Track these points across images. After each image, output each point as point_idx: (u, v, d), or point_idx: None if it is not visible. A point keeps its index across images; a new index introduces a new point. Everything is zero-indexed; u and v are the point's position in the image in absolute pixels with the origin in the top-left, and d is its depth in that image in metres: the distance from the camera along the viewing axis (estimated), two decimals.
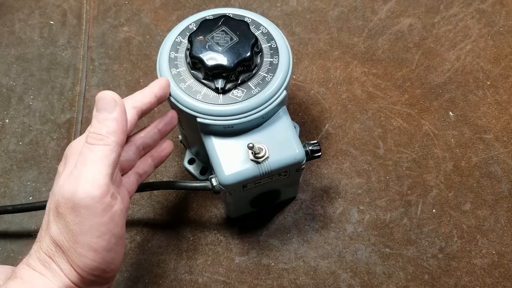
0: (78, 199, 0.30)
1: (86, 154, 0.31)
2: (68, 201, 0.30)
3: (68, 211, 0.30)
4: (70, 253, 0.30)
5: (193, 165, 0.53)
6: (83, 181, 0.30)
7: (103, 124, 0.32)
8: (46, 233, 0.32)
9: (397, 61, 0.60)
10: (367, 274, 0.49)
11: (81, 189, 0.30)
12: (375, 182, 0.53)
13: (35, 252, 0.32)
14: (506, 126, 0.55)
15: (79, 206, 0.30)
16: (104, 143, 0.31)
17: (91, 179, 0.30)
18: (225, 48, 0.39)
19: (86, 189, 0.30)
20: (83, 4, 0.65)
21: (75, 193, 0.30)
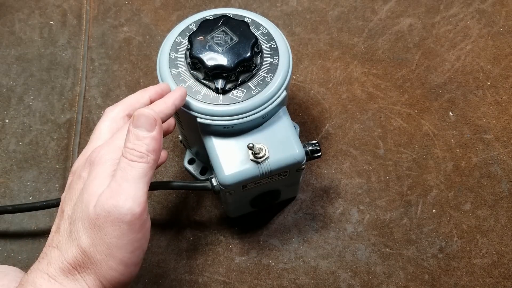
0: (121, 214, 0.30)
1: (127, 170, 0.31)
2: (109, 214, 0.30)
3: (108, 224, 0.30)
4: (101, 265, 0.30)
5: (193, 165, 0.53)
6: (125, 196, 0.30)
7: (142, 142, 0.32)
8: (71, 242, 0.31)
9: (397, 61, 0.60)
10: (367, 274, 0.49)
11: (123, 204, 0.30)
12: (375, 182, 0.53)
13: (56, 261, 0.31)
14: (506, 126, 0.55)
15: (121, 221, 0.30)
16: (144, 161, 0.32)
17: (133, 195, 0.31)
18: (225, 48, 0.39)
19: (129, 205, 0.30)
20: (83, 4, 0.65)
21: (118, 207, 0.30)
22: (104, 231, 0.30)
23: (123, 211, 0.30)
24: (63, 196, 0.34)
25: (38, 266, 0.31)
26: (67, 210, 0.32)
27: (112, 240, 0.30)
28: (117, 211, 0.30)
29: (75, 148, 0.56)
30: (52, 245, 0.32)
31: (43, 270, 0.30)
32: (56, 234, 0.32)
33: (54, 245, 0.32)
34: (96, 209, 0.30)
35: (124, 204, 0.30)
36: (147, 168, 0.32)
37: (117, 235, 0.30)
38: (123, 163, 0.31)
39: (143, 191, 0.31)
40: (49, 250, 0.32)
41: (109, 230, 0.30)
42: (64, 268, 0.30)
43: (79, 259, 0.30)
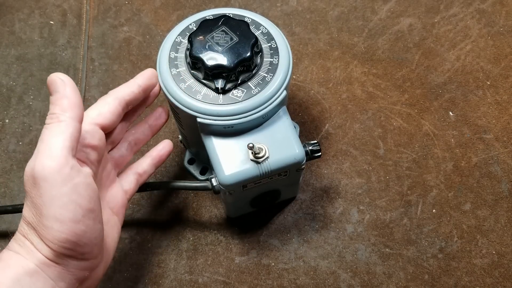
0: (36, 172, 0.31)
1: (43, 133, 0.33)
2: (29, 177, 0.32)
3: (30, 186, 0.32)
4: (39, 227, 0.32)
5: (193, 165, 0.53)
6: (39, 156, 0.32)
7: (55, 104, 0.33)
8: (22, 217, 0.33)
9: (397, 61, 0.60)
10: (367, 274, 0.49)
11: (38, 163, 0.31)
12: (375, 182, 0.53)
13: (14, 236, 0.33)
14: (506, 126, 0.55)
15: (38, 178, 0.31)
16: (57, 120, 0.33)
17: (47, 152, 0.32)
18: (225, 48, 0.39)
19: (43, 162, 0.31)
20: (83, 4, 0.65)
21: (34, 167, 0.31)
22: (30, 194, 0.32)
23: (38, 169, 0.31)
24: None
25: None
26: None
27: (37, 200, 0.31)
28: (34, 171, 0.31)
29: None
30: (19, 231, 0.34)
31: (14, 237, 0.33)
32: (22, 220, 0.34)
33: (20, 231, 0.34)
34: (24, 178, 0.32)
35: (39, 162, 0.31)
36: (63, 126, 0.32)
37: (39, 194, 0.31)
38: (42, 130, 0.33)
39: (59, 146, 0.32)
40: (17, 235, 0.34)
41: (34, 192, 0.31)
42: (17, 238, 0.33)
43: (24, 227, 0.32)
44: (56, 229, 0.31)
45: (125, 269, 0.49)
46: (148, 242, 0.50)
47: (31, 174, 0.31)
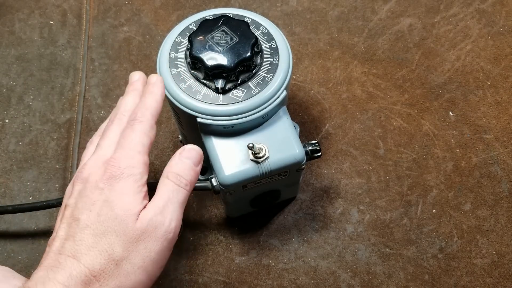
0: (167, 232, 0.33)
1: (175, 194, 0.34)
2: (155, 229, 0.33)
3: (151, 239, 0.32)
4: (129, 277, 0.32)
5: None
6: (171, 216, 0.34)
7: (189, 172, 0.35)
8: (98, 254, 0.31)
9: (397, 61, 0.60)
10: (367, 274, 0.49)
11: (169, 223, 0.33)
12: (375, 182, 0.53)
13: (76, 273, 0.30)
14: (506, 126, 0.55)
15: (165, 238, 0.33)
16: (188, 189, 0.35)
17: (177, 217, 0.34)
18: (225, 48, 0.39)
19: (174, 224, 0.34)
20: (83, 4, 0.65)
21: (165, 225, 0.33)
22: (144, 244, 0.32)
23: (169, 229, 0.33)
24: (72, 202, 0.34)
25: (55, 276, 0.30)
26: (84, 219, 0.32)
27: (150, 254, 0.32)
28: (164, 228, 0.33)
29: (75, 148, 0.56)
30: (66, 253, 0.31)
31: (63, 283, 0.30)
32: (69, 242, 0.31)
33: (69, 253, 0.31)
34: (141, 224, 0.32)
35: (170, 223, 0.33)
36: (187, 196, 0.35)
37: (157, 250, 0.32)
38: (170, 185, 0.34)
39: (182, 215, 0.34)
40: (63, 258, 0.31)
41: (150, 244, 0.32)
42: (87, 280, 0.30)
43: (107, 271, 0.31)
44: (144, 284, 0.32)
45: None
46: None
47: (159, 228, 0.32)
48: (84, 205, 0.33)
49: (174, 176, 0.35)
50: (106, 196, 0.33)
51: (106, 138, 0.36)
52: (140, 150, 0.35)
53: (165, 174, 0.35)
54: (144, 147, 0.35)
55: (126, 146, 0.35)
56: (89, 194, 0.33)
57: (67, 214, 0.33)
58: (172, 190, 0.34)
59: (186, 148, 0.36)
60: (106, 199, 0.32)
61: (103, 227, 0.32)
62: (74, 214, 0.33)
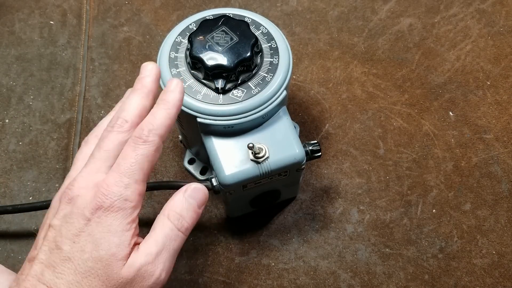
0: (155, 283, 0.31)
1: (172, 240, 0.32)
2: (143, 279, 0.30)
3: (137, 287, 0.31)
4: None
5: (193, 165, 0.53)
6: (162, 267, 0.31)
7: (191, 215, 0.33)
8: None
9: (397, 61, 0.60)
10: (367, 274, 0.49)
11: (159, 275, 0.31)
12: (375, 182, 0.53)
13: None
14: (506, 126, 0.55)
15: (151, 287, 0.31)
16: (186, 234, 0.33)
17: (168, 268, 0.32)
18: (225, 48, 0.39)
19: (163, 276, 0.31)
20: (83, 4, 0.65)
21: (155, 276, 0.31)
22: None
23: (158, 281, 0.30)
24: (56, 224, 0.31)
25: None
26: (66, 250, 0.30)
27: None
28: (153, 280, 0.30)
29: (75, 148, 0.56)
30: (45, 283, 0.29)
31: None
32: (49, 271, 0.29)
33: (48, 284, 0.29)
34: (128, 273, 0.30)
35: (161, 274, 0.31)
36: (183, 243, 0.32)
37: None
38: (169, 229, 0.32)
39: (173, 264, 0.32)
40: (39, 285, 0.29)
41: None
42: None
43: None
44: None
45: None
46: None
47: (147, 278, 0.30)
48: (68, 233, 0.30)
49: (175, 217, 0.32)
50: (91, 229, 0.30)
51: (102, 149, 0.32)
52: (137, 179, 0.31)
53: (165, 212, 0.32)
54: (143, 174, 0.31)
55: (122, 170, 0.31)
56: (75, 221, 0.30)
57: (50, 237, 0.30)
58: (170, 235, 0.31)
59: (192, 187, 0.33)
60: (91, 233, 0.30)
61: (86, 267, 0.29)
62: (57, 241, 0.30)
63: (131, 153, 0.31)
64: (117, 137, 0.32)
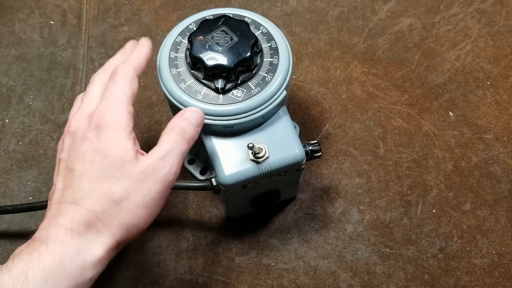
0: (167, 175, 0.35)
1: (177, 145, 0.36)
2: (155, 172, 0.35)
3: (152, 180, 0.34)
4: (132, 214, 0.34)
5: (193, 165, 0.53)
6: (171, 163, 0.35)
7: (191, 129, 0.37)
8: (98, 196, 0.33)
9: (397, 61, 0.60)
10: (367, 274, 0.49)
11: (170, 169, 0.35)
12: (375, 182, 0.53)
13: (79, 216, 0.32)
14: (506, 126, 0.55)
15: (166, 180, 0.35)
16: (189, 142, 0.37)
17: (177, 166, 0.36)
18: (225, 48, 0.39)
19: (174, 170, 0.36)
20: (83, 4, 0.65)
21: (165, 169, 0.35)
22: (145, 185, 0.34)
23: (169, 173, 0.35)
24: (64, 156, 0.35)
25: (58, 222, 0.32)
26: (78, 168, 0.34)
27: (150, 193, 0.34)
28: (164, 171, 0.34)
29: None
30: (66, 202, 0.33)
31: (65, 226, 0.32)
32: (68, 191, 0.33)
33: (69, 201, 0.33)
34: (140, 167, 0.34)
35: (171, 168, 0.35)
36: (188, 149, 0.37)
37: (157, 190, 0.34)
38: (174, 137, 0.36)
39: (181, 164, 0.36)
40: (64, 206, 0.33)
41: (150, 185, 0.34)
42: (90, 222, 0.32)
43: (108, 211, 0.33)
44: (146, 219, 0.34)
45: (125, 269, 0.49)
46: (148, 242, 0.50)
47: (160, 171, 0.34)
48: (76, 156, 0.34)
49: (179, 129, 0.36)
50: (95, 145, 0.34)
51: (89, 93, 0.38)
52: (123, 101, 0.36)
53: (170, 126, 0.36)
54: (126, 97, 0.36)
55: (108, 98, 0.36)
56: (79, 145, 0.34)
57: (62, 167, 0.35)
58: (175, 141, 0.36)
59: (191, 109, 0.38)
60: (96, 147, 0.34)
61: (100, 174, 0.33)
62: (69, 166, 0.34)
63: (111, 85, 0.36)
64: (99, 82, 0.38)
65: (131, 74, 0.37)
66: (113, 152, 0.34)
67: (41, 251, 0.31)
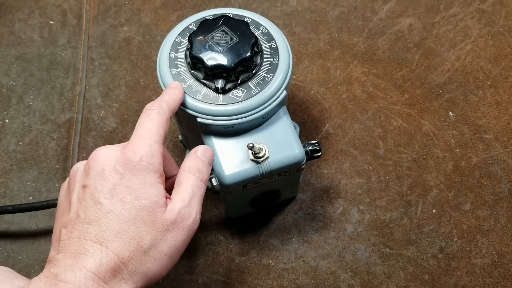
0: (192, 223, 0.34)
1: (199, 189, 0.35)
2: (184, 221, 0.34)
3: (179, 229, 0.33)
4: (156, 263, 0.33)
5: None
6: (197, 210, 0.35)
7: (206, 170, 0.36)
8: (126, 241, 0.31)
9: (397, 61, 0.60)
10: (367, 274, 0.49)
11: (195, 217, 0.34)
12: (375, 182, 0.53)
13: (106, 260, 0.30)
14: (506, 126, 0.55)
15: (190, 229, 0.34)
16: (205, 185, 0.36)
17: (200, 211, 0.35)
18: (225, 48, 0.39)
19: (198, 217, 0.35)
20: (83, 4, 0.65)
21: (191, 218, 0.34)
22: (172, 234, 0.33)
23: (195, 221, 0.34)
24: (91, 183, 0.32)
25: (85, 265, 0.30)
26: (106, 204, 0.31)
27: (177, 243, 0.33)
28: (191, 220, 0.33)
29: (75, 148, 0.56)
30: (92, 239, 0.30)
31: (93, 271, 0.29)
32: (93, 227, 0.31)
33: (95, 239, 0.30)
34: (170, 216, 0.32)
35: (197, 215, 0.34)
36: (205, 190, 0.36)
37: (183, 239, 0.33)
38: (193, 180, 0.35)
39: (201, 208, 0.35)
40: (90, 245, 0.30)
41: (178, 234, 0.33)
42: (116, 268, 0.30)
43: (135, 258, 0.31)
44: (167, 269, 0.33)
45: None
46: None
47: (187, 220, 0.33)
48: (104, 188, 0.32)
49: (196, 171, 0.35)
50: (127, 182, 0.32)
51: None
52: (157, 140, 0.34)
53: (186, 169, 0.35)
54: (160, 137, 0.34)
55: (143, 134, 0.34)
56: (109, 176, 0.32)
57: (87, 196, 0.32)
58: (196, 185, 0.35)
59: (202, 148, 0.37)
60: (127, 185, 0.32)
61: (130, 215, 0.31)
62: (95, 197, 0.31)
63: (146, 121, 0.35)
64: None
65: (167, 114, 0.36)
66: (146, 194, 0.32)
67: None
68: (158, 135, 0.34)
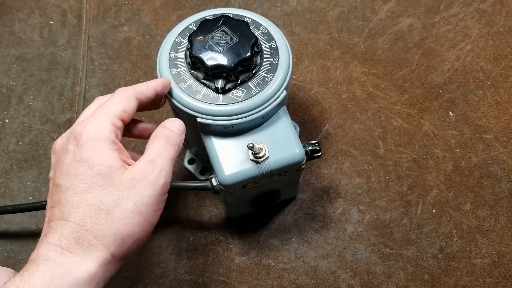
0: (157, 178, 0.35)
1: (165, 150, 0.36)
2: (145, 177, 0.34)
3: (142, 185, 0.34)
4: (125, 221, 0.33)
5: (193, 165, 0.53)
6: (161, 167, 0.35)
7: (175, 137, 0.37)
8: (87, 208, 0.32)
9: (397, 61, 0.60)
10: (367, 274, 0.49)
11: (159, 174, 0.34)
12: (375, 182, 0.53)
13: (68, 232, 0.31)
14: (506, 126, 0.55)
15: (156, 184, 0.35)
16: (175, 149, 0.37)
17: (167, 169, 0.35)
18: (225, 48, 0.39)
19: (164, 174, 0.35)
20: (83, 4, 0.65)
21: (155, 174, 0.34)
22: (135, 190, 0.33)
23: (159, 175, 0.34)
24: (52, 174, 0.35)
25: (48, 240, 0.31)
26: (64, 183, 0.33)
27: (142, 198, 0.33)
28: (154, 175, 0.34)
29: None
30: (55, 219, 0.32)
31: (55, 243, 0.31)
32: (56, 208, 0.32)
33: (58, 217, 0.32)
34: (128, 174, 0.33)
35: (161, 171, 0.34)
36: (176, 154, 0.36)
37: (149, 194, 0.33)
38: (159, 144, 0.35)
39: (171, 168, 0.36)
40: (53, 224, 0.32)
41: (141, 189, 0.33)
42: (80, 236, 0.31)
43: (99, 222, 0.32)
44: (142, 227, 0.33)
45: (125, 269, 0.49)
46: (148, 242, 0.50)
47: (149, 175, 0.33)
48: (61, 171, 0.33)
49: (163, 137, 0.36)
50: (77, 156, 0.33)
51: (82, 112, 0.38)
52: (109, 113, 0.35)
53: (153, 136, 0.36)
54: (114, 111, 0.35)
55: (95, 112, 0.35)
56: (63, 159, 0.34)
57: (51, 186, 0.34)
58: (162, 146, 0.35)
59: (170, 119, 0.38)
60: (79, 159, 0.33)
61: (86, 185, 0.32)
62: (55, 182, 0.34)
63: (105, 103, 0.36)
64: (99, 100, 0.38)
65: (129, 94, 0.37)
66: (97, 161, 0.33)
67: (32, 272, 0.30)
68: (112, 109, 0.35)
